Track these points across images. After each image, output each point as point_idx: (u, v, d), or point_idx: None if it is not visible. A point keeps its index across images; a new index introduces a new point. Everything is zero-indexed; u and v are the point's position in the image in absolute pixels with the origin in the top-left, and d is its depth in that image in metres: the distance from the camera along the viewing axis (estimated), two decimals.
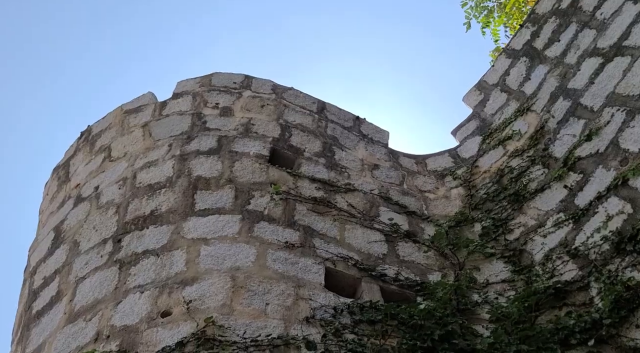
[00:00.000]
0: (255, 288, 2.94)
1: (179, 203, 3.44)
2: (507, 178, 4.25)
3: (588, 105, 3.75)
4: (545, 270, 3.41)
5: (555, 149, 3.91)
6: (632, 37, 3.57)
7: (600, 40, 3.87)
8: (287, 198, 3.63)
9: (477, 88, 5.24)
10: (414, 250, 3.87)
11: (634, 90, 3.38)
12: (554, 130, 4.01)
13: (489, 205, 4.23)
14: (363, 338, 2.90)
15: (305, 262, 3.27)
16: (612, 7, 3.88)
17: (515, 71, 4.78)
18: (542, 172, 3.95)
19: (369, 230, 3.83)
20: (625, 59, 3.56)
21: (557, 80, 4.18)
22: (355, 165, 4.43)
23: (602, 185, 3.32)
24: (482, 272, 3.73)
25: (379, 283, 3.45)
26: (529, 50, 4.68)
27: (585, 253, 3.20)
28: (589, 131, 3.61)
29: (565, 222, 3.49)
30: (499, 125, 4.70)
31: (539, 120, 4.24)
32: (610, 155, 3.38)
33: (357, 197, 4.05)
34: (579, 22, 4.19)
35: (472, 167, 4.70)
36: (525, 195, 3.96)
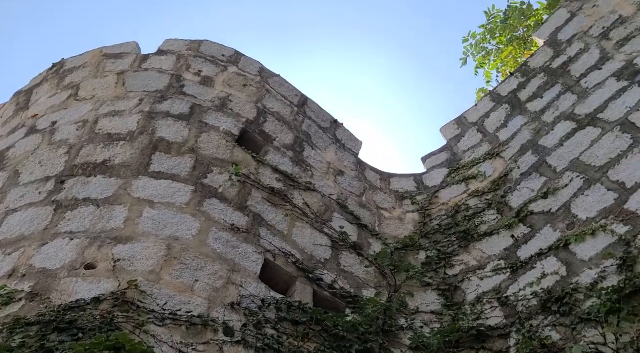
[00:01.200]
0: (189, 263, 2.88)
1: (134, 160, 3.34)
2: (461, 215, 4.33)
3: (552, 165, 3.87)
4: (473, 311, 3.49)
5: (512, 199, 4.02)
6: (607, 111, 3.71)
7: (578, 106, 4.00)
8: (245, 182, 3.58)
9: (457, 122, 5.33)
10: (356, 262, 3.89)
11: (596, 162, 3.51)
12: (516, 181, 4.11)
13: (438, 237, 4.30)
14: (283, 336, 2.88)
15: (246, 248, 3.23)
16: (597, 79, 4.02)
17: (495, 115, 4.89)
18: (495, 217, 4.04)
19: (317, 232, 3.82)
20: (596, 130, 3.69)
21: (530, 134, 4.30)
22: (321, 167, 4.42)
23: (545, 244, 3.43)
24: (414, 299, 3.79)
25: (313, 286, 3.45)
26: (513, 99, 4.79)
27: (513, 304, 3.29)
28: (547, 190, 3.72)
29: (504, 270, 3.58)
30: (467, 162, 4.80)
31: (504, 168, 4.34)
32: (560, 217, 3.49)
33: (315, 197, 4.04)
34: (564, 84, 4.32)
35: (432, 196, 4.77)
36: (474, 236, 4.04)
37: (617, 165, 3.34)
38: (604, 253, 2.97)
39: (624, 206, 3.10)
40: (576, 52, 4.42)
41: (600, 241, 3.06)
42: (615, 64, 3.96)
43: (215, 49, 4.51)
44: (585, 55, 4.32)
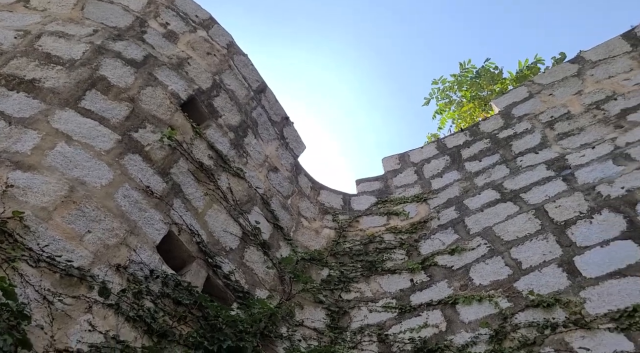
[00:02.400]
0: (87, 211, 2.73)
1: (66, 89, 3.12)
2: (374, 246, 4.44)
3: (468, 226, 4.06)
4: (352, 339, 3.57)
5: (423, 246, 4.17)
6: (529, 193, 3.96)
7: (508, 180, 4.23)
8: (175, 149, 3.46)
9: (399, 158, 5.47)
10: (260, 260, 3.86)
11: (505, 236, 3.73)
12: (432, 230, 4.28)
13: (346, 260, 4.38)
14: (159, 312, 2.79)
15: (153, 214, 3.11)
16: (531, 161, 4.28)
17: (435, 163, 5.07)
18: (402, 257, 4.18)
19: (232, 220, 3.76)
20: (515, 207, 3.92)
21: (459, 191, 4.49)
22: (258, 157, 4.37)
23: (437, 296, 3.58)
24: (303, 312, 3.82)
25: (209, 271, 3.38)
26: (455, 154, 5.00)
27: (390, 343, 3.41)
28: (455, 247, 3.90)
29: (393, 309, 3.70)
30: (395, 198, 4.93)
31: (427, 214, 4.51)
32: (458, 276, 3.67)
33: (241, 185, 3.98)
34: (502, 156, 4.56)
35: (354, 220, 4.86)
36: (378, 269, 4.16)
37: (521, 245, 3.56)
38: (482, 321, 3.15)
39: (513, 283, 3.30)
40: (522, 130, 4.69)
41: (484, 309, 3.24)
42: (550, 153, 4.23)
43: (191, 7, 4.35)
44: (529, 135, 4.59)
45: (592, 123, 4.28)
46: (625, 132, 3.98)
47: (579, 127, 4.31)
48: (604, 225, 3.31)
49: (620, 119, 4.15)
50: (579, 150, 4.08)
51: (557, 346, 2.84)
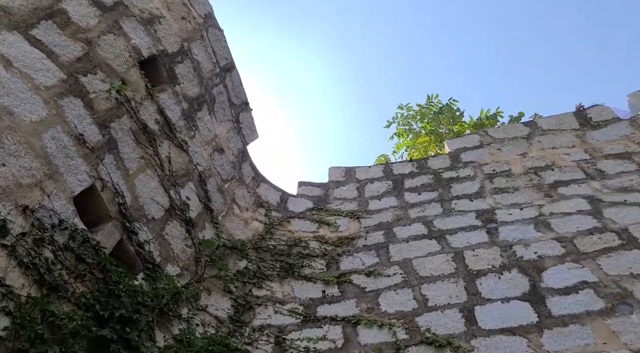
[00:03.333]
0: (7, 143, 2.56)
1: (21, 12, 2.92)
2: (297, 249, 4.46)
3: (390, 253, 4.17)
4: (250, 335, 3.57)
5: (344, 261, 4.24)
6: (454, 237, 4.12)
7: (438, 219, 4.39)
8: (122, 104, 3.32)
9: (346, 171, 5.54)
10: (180, 236, 3.78)
11: (421, 271, 3.86)
12: (356, 249, 4.35)
13: (267, 257, 4.37)
14: (57, 265, 2.66)
15: (79, 164, 2.97)
16: (464, 207, 4.47)
17: (377, 185, 5.17)
18: (321, 268, 4.22)
19: (162, 190, 3.66)
20: (438, 246, 4.07)
21: (392, 218, 4.61)
22: (206, 135, 4.28)
23: (343, 312, 3.65)
24: (209, 298, 3.77)
25: (124, 235, 3.26)
26: (399, 181, 5.12)
27: (285, 348, 3.43)
28: (373, 270, 3.99)
29: (298, 315, 3.73)
30: (332, 209, 4.98)
31: (356, 232, 4.58)
32: (367, 298, 3.76)
33: (181, 158, 3.89)
34: (440, 195, 4.72)
35: (285, 219, 4.86)
36: (295, 273, 4.18)
37: (432, 283, 3.69)
38: (376, 346, 3.24)
39: (415, 318, 3.42)
40: (464, 175, 4.88)
41: (382, 335, 3.34)
42: (482, 204, 4.43)
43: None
44: (469, 182, 4.78)
45: (526, 186, 4.52)
46: (552, 202, 4.23)
47: (515, 187, 4.53)
48: (510, 283, 3.50)
49: (552, 189, 4.40)
50: (508, 208, 4.29)
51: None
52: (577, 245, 3.67)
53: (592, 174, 4.47)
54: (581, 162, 4.64)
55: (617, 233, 3.68)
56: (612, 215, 3.89)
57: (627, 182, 4.23)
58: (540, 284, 3.42)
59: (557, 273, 3.47)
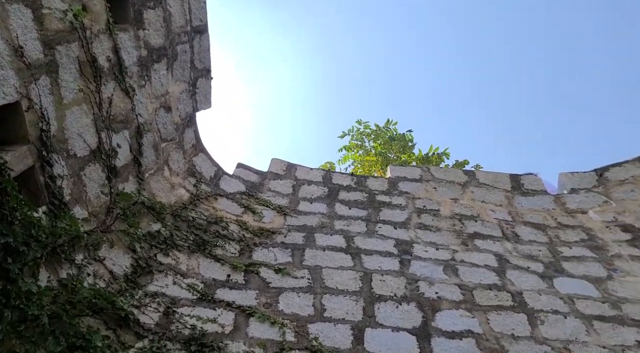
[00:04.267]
0: None
1: None
2: (216, 228, 4.39)
3: (304, 256, 4.20)
4: (140, 299, 3.45)
5: (257, 252, 4.22)
6: (369, 257, 4.22)
7: (359, 238, 4.47)
8: (76, 30, 3.12)
9: (287, 166, 5.53)
10: (99, 181, 3.60)
11: (328, 282, 3.91)
12: (274, 243, 4.35)
13: (183, 227, 4.27)
14: None
15: (9, 76, 2.74)
16: (386, 232, 4.59)
17: (313, 188, 5.19)
18: (234, 252, 4.18)
19: (94, 129, 3.48)
20: (351, 262, 4.15)
21: (317, 223, 4.64)
22: (158, 89, 4.12)
23: (240, 301, 3.63)
24: (110, 251, 3.62)
25: (36, 163, 3.06)
26: (334, 191, 5.17)
27: (171, 320, 3.35)
28: (283, 269, 4.00)
29: (196, 292, 3.66)
30: (262, 198, 4.95)
31: (279, 227, 4.58)
32: (269, 293, 3.76)
33: (124, 103, 3.72)
34: (369, 215, 4.82)
35: (213, 196, 4.78)
36: (206, 250, 4.10)
37: (335, 296, 3.75)
38: (262, 341, 3.24)
39: (308, 324, 3.46)
40: (396, 203, 5.01)
41: (271, 333, 3.34)
42: (404, 235, 4.56)
43: None
44: (398, 211, 4.91)
45: (448, 229, 4.70)
46: (466, 250, 4.43)
47: (438, 227, 4.71)
48: (405, 314, 3.62)
49: (470, 238, 4.61)
50: (426, 245, 4.45)
51: None
52: (475, 296, 3.87)
53: (508, 235, 4.73)
54: (502, 222, 4.90)
55: (512, 294, 3.91)
56: (513, 277, 4.12)
57: (535, 251, 4.51)
58: (431, 323, 3.56)
59: (449, 317, 3.63)
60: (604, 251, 4.56)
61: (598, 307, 3.82)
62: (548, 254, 4.49)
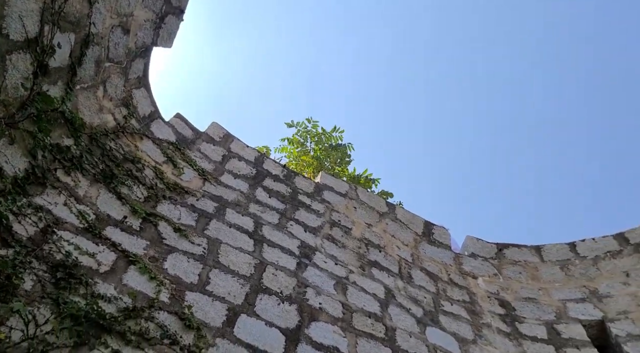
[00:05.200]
0: None
1: None
2: (131, 167, 4.18)
3: (209, 226, 4.09)
4: (20, 208, 3.18)
5: (164, 206, 4.05)
6: (270, 248, 4.19)
7: (268, 228, 4.44)
8: None
9: (226, 135, 5.40)
10: (23, 72, 3.28)
11: (223, 258, 3.83)
12: (183, 203, 4.20)
13: (97, 152, 4.00)
14: None
15: None
16: (295, 231, 4.60)
17: (242, 166, 5.10)
18: (139, 197, 3.98)
19: (37, 18, 3.19)
20: (252, 247, 4.10)
21: (233, 199, 4.55)
22: (123, 6, 3.87)
23: (127, 246, 3.45)
24: (7, 148, 3.29)
25: None
26: (261, 175, 5.11)
27: (48, 240, 3.11)
28: (183, 230, 3.87)
29: (84, 221, 3.44)
30: (188, 156, 4.78)
31: (194, 189, 4.43)
32: (158, 249, 3.61)
33: (81, 6, 3.44)
34: (285, 210, 4.81)
35: (139, 136, 4.55)
36: (111, 184, 3.88)
37: (223, 274, 3.68)
38: (134, 292, 3.09)
39: (187, 291, 3.35)
40: (315, 208, 5.04)
41: (147, 286, 3.20)
42: (311, 240, 4.59)
43: None
44: (314, 215, 4.94)
45: (353, 249, 4.80)
46: (361, 275, 4.54)
47: (344, 244, 4.79)
48: (284, 314, 3.62)
49: (368, 265, 4.73)
50: (327, 257, 4.50)
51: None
52: (354, 318, 3.96)
53: (403, 274, 4.91)
54: (403, 260, 5.09)
55: (386, 328, 4.05)
56: (393, 313, 4.28)
57: (421, 296, 4.72)
58: (305, 329, 3.59)
59: (323, 329, 3.68)
60: (478, 317, 4.87)
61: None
62: (431, 303, 4.72)
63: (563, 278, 5.45)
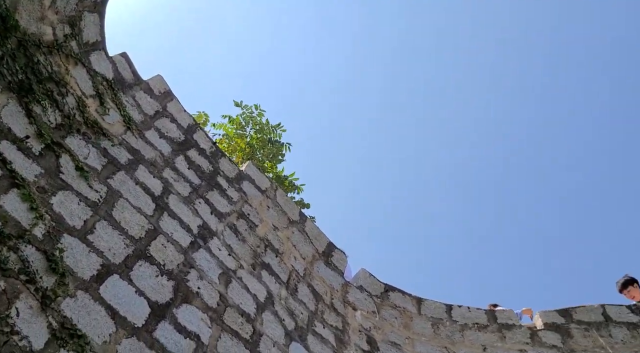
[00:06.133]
0: None
1: None
2: (52, 87, 3.88)
3: (116, 176, 3.88)
4: None
5: (74, 140, 3.81)
6: (166, 217, 4.06)
7: (175, 198, 4.30)
8: None
9: (166, 93, 5.20)
10: None
11: (115, 211, 3.66)
12: (96, 143, 3.97)
13: (21, 60, 3.71)
14: None
15: None
16: (201, 208, 4.49)
17: (172, 127, 4.92)
18: (53, 122, 3.72)
19: None
20: (152, 211, 3.95)
21: (151, 157, 4.37)
22: None
23: (19, 168, 3.19)
24: None
25: None
26: (189, 143, 4.97)
27: None
28: (85, 170, 3.65)
29: None
30: (120, 99, 4.56)
31: (114, 134, 4.21)
32: (50, 180, 3.37)
33: None
34: (198, 186, 4.70)
35: (74, 60, 4.26)
36: (25, 99, 3.58)
37: (110, 227, 3.50)
38: (5, 214, 2.85)
39: (65, 234, 3.15)
40: (230, 195, 4.96)
41: (21, 212, 2.97)
42: (213, 223, 4.51)
43: None
44: (226, 202, 4.86)
45: (251, 246, 4.78)
46: (250, 273, 4.51)
47: (244, 239, 4.75)
48: (159, 287, 3.52)
49: (261, 266, 4.73)
50: (223, 246, 4.44)
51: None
52: (226, 312, 3.92)
53: (290, 285, 4.95)
54: (294, 272, 5.13)
55: (254, 332, 4.05)
56: (266, 319, 4.29)
57: (298, 311, 4.78)
58: (173, 308, 3.50)
59: (192, 314, 3.61)
60: (343, 346, 5.01)
61: None
62: (305, 320, 4.79)
63: (431, 334, 5.76)
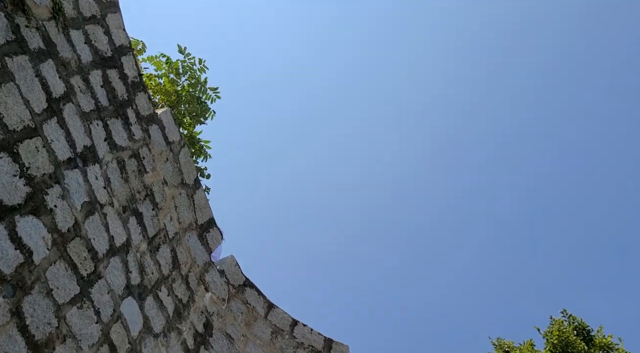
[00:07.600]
0: None
1: None
2: None
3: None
4: None
5: None
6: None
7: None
8: None
9: (111, 4, 4.83)
10: None
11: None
12: None
13: None
14: None
15: None
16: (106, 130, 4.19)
17: (100, 34, 4.57)
18: None
19: None
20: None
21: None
22: None
23: None
24: None
25: None
26: (112, 59, 4.64)
27: None
28: None
29: None
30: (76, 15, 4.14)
31: (44, 17, 3.81)
32: None
33: None
34: (110, 120, 4.38)
35: None
36: None
37: None
38: None
39: None
40: (132, 131, 4.68)
41: None
42: (102, 153, 4.22)
43: None
44: (125, 134, 4.58)
45: (131, 189, 4.54)
46: (117, 214, 4.27)
47: (128, 178, 4.50)
48: (11, 187, 3.20)
49: (130, 212, 4.49)
50: (102, 176, 4.17)
51: None
52: (73, 242, 3.67)
53: (154, 242, 4.75)
54: (164, 231, 4.94)
55: (94, 272, 3.82)
56: (113, 265, 4.07)
57: (149, 270, 4.60)
58: (16, 216, 3.20)
59: (34, 227, 3.33)
60: (179, 321, 4.89)
61: None
62: (153, 281, 4.61)
63: (267, 340, 5.81)
